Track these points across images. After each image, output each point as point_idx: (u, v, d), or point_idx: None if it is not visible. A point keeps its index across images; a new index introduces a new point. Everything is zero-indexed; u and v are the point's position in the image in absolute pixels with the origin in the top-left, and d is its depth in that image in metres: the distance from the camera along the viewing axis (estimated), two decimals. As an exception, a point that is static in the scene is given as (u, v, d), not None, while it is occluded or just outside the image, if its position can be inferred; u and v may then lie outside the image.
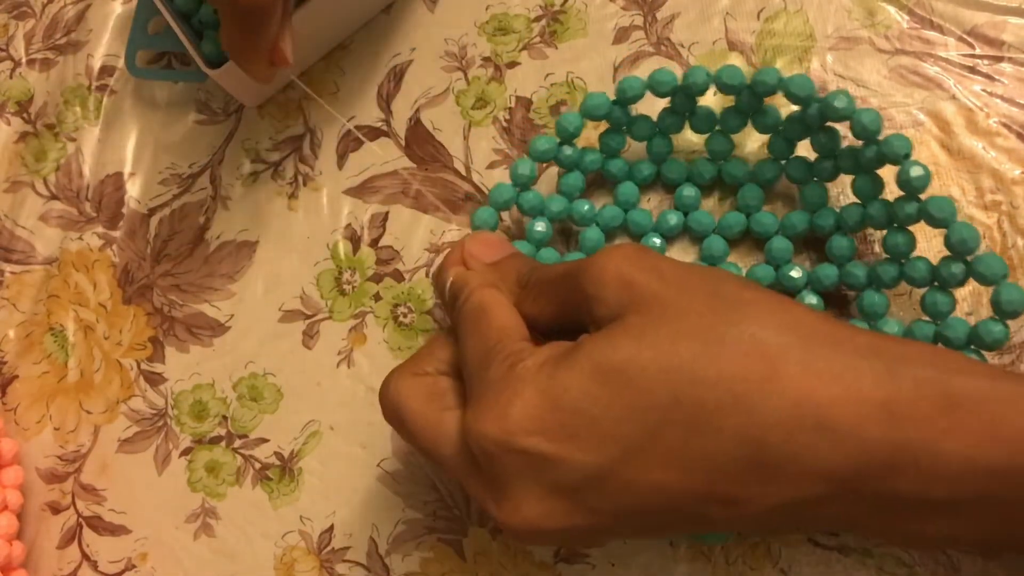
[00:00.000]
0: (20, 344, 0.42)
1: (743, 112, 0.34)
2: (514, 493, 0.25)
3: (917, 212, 0.30)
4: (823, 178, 0.33)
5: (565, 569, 0.34)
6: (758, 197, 0.34)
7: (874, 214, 0.31)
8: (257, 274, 0.40)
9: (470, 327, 0.29)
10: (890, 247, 0.31)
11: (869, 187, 0.32)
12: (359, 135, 0.39)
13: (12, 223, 0.44)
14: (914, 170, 0.30)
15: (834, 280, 0.32)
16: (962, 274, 0.30)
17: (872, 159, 0.31)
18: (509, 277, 0.30)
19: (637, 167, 0.36)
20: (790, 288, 0.33)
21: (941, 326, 0.30)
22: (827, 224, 0.33)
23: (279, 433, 0.38)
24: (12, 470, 0.39)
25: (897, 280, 0.31)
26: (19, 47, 0.46)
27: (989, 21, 0.35)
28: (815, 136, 0.33)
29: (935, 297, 0.30)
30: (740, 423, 0.23)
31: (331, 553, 0.37)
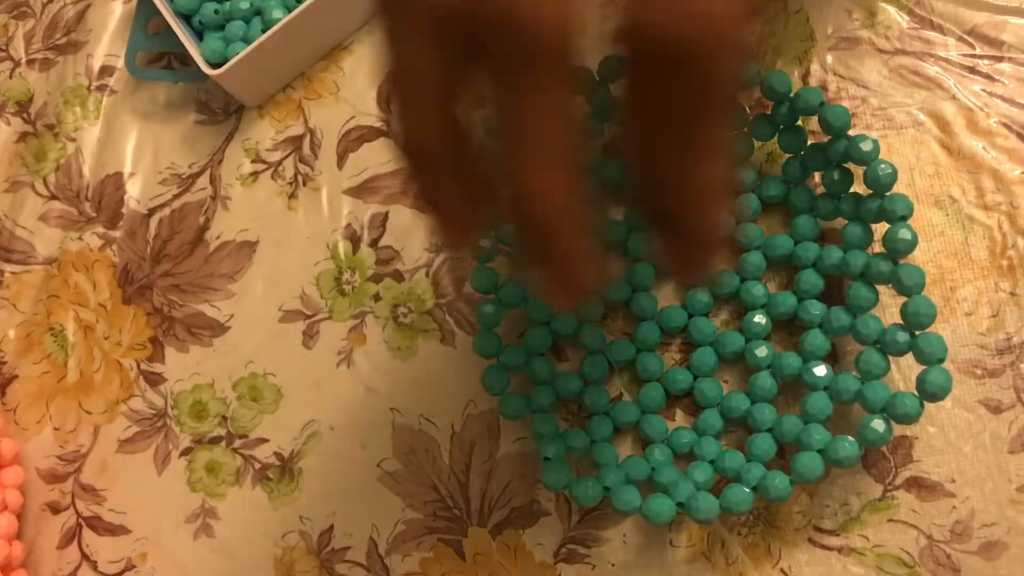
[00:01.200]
0: (20, 344, 0.42)
1: (774, 123, 0.34)
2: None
3: (890, 275, 0.30)
4: (821, 215, 0.34)
5: (565, 569, 0.34)
6: (755, 209, 0.34)
7: (851, 263, 0.32)
8: (257, 274, 0.40)
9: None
10: (852, 298, 0.31)
11: (859, 237, 0.32)
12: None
13: (12, 223, 0.44)
14: (903, 233, 0.30)
15: (789, 311, 0.33)
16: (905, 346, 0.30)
17: (872, 211, 0.31)
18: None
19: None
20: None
21: (864, 387, 0.30)
22: (806, 256, 0.33)
23: (279, 433, 0.38)
24: (12, 470, 0.39)
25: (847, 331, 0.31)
26: (19, 47, 0.46)
27: (989, 21, 0.35)
28: (830, 173, 0.33)
29: (871, 356, 0.30)
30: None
31: (331, 553, 0.37)
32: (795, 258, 0.33)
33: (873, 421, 0.29)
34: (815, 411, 0.31)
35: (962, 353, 0.32)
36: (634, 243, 0.35)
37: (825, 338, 0.32)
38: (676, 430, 0.33)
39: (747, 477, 0.30)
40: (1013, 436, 0.32)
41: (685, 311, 0.34)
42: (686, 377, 0.33)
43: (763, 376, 0.32)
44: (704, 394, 0.33)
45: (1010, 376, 0.32)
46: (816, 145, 0.33)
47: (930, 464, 0.32)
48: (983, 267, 0.33)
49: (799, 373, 0.32)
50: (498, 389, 0.34)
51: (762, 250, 0.34)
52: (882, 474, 0.32)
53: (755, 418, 0.32)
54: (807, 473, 0.29)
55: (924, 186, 0.34)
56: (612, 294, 0.34)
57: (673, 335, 0.35)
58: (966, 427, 0.32)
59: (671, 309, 0.34)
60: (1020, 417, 0.32)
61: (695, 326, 0.34)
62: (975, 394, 0.32)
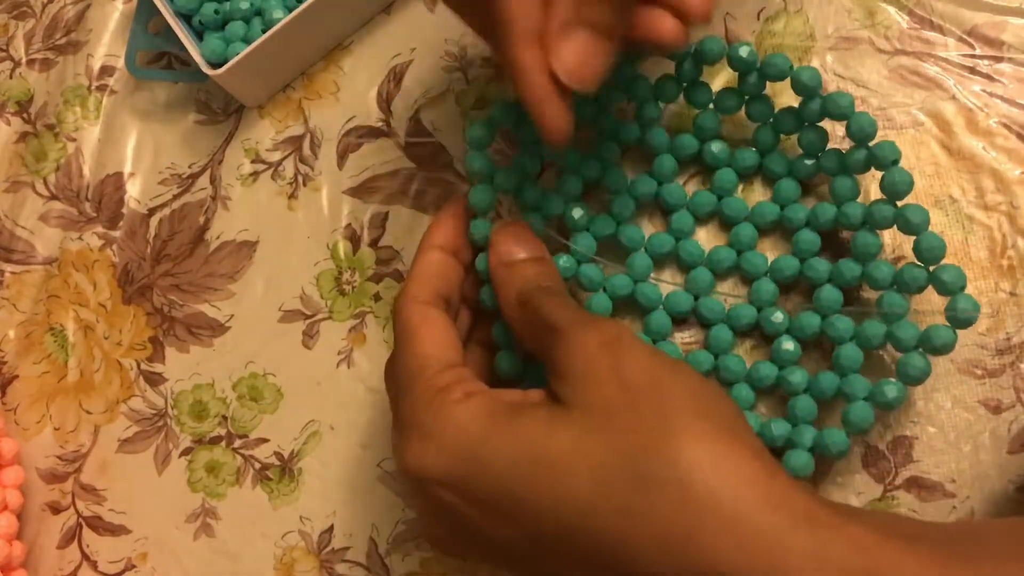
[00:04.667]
0: (20, 344, 0.42)
1: (741, 94, 0.34)
2: (421, 513, 0.27)
3: (894, 217, 0.31)
4: (800, 175, 0.34)
5: (565, 569, 0.34)
6: (732, 182, 0.35)
7: (850, 214, 0.32)
8: (257, 274, 0.40)
9: (398, 344, 0.29)
10: (859, 248, 0.31)
11: (849, 189, 0.32)
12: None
13: (12, 223, 0.44)
14: (900, 176, 0.30)
15: (793, 273, 0.33)
16: (924, 281, 0.30)
17: (860, 162, 0.31)
18: (514, 285, 0.29)
19: (624, 128, 0.35)
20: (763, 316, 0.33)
21: (893, 327, 0.30)
22: (796, 217, 0.33)
23: (279, 433, 0.38)
24: (12, 470, 0.39)
25: (859, 280, 0.31)
26: (19, 47, 0.46)
27: (989, 21, 0.35)
28: (805, 132, 0.33)
29: (892, 299, 0.30)
30: (652, 569, 0.22)
31: (331, 553, 0.37)
32: (785, 221, 0.34)
33: (912, 358, 0.29)
34: (848, 362, 0.31)
35: (962, 353, 0.32)
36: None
37: (839, 291, 0.32)
38: None
39: (801, 441, 0.31)
40: (1013, 436, 0.32)
41: (690, 294, 0.34)
42: (707, 359, 0.33)
43: (785, 340, 0.32)
44: (729, 370, 0.33)
45: (1010, 376, 0.32)
46: (786, 109, 0.33)
47: (930, 464, 0.32)
48: (983, 267, 0.33)
49: (820, 330, 0.32)
50: (484, 205, 0.32)
51: (750, 220, 0.34)
52: (882, 474, 0.32)
53: (788, 382, 0.32)
54: (860, 422, 0.30)
55: (924, 186, 0.34)
56: (615, 291, 0.34)
57: (683, 322, 0.35)
58: (966, 427, 0.32)
59: (676, 295, 0.34)
60: (1020, 417, 0.32)
61: (704, 306, 0.33)
62: (975, 394, 0.32)
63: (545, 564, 0.24)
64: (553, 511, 0.23)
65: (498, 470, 0.24)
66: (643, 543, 0.22)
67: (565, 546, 0.23)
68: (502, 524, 0.24)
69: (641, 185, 0.35)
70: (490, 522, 0.24)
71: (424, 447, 0.25)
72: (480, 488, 0.24)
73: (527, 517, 0.24)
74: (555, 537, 0.23)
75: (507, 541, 0.24)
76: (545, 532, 0.23)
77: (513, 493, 0.24)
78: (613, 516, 0.22)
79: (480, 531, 0.25)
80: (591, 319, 0.26)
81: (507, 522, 0.24)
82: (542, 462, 0.23)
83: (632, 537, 0.22)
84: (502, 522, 0.24)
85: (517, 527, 0.24)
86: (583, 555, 0.23)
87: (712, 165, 0.35)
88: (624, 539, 0.22)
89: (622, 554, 0.22)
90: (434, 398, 0.26)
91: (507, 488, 0.24)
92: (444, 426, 0.25)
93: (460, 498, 0.25)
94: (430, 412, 0.26)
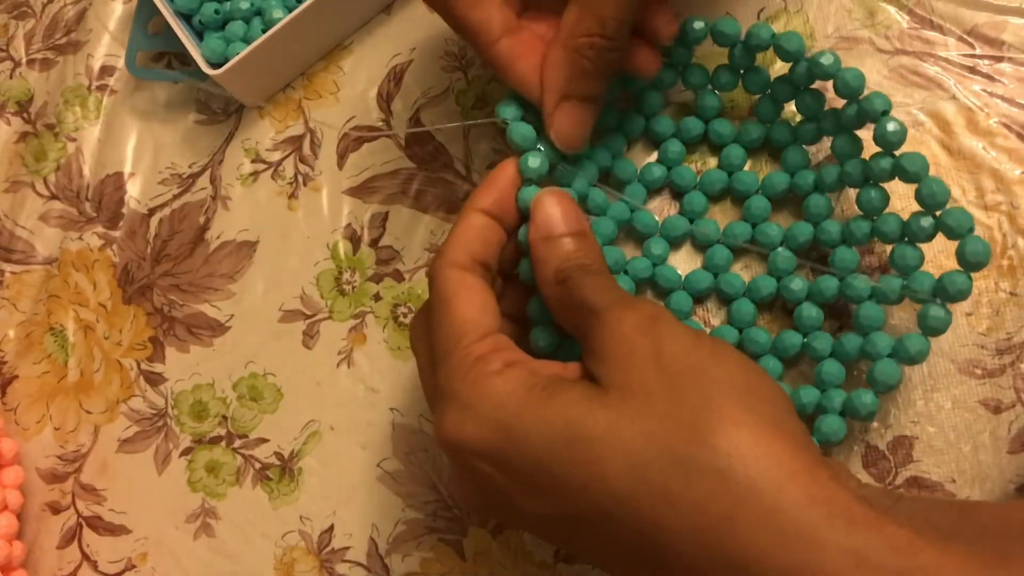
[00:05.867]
0: (20, 344, 0.42)
1: (734, 70, 0.34)
2: (459, 482, 0.27)
3: (892, 168, 0.30)
4: (805, 141, 0.34)
5: (565, 569, 0.34)
6: (741, 157, 0.35)
7: (851, 171, 0.32)
8: (257, 274, 0.40)
9: (434, 310, 0.28)
10: (864, 203, 0.31)
11: (848, 147, 0.32)
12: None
13: (12, 223, 0.44)
14: (890, 125, 0.30)
15: (808, 238, 0.33)
16: (931, 228, 0.30)
17: (853, 118, 0.31)
18: (553, 262, 0.28)
19: (629, 119, 0.36)
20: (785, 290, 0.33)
21: (909, 280, 0.30)
22: (805, 184, 0.33)
23: (279, 433, 0.38)
24: (12, 470, 0.39)
25: (869, 236, 0.32)
26: (19, 47, 0.46)
27: (989, 21, 0.35)
28: (800, 97, 0.33)
29: (904, 251, 0.30)
30: (686, 556, 0.22)
31: (331, 553, 0.37)
32: (795, 188, 0.34)
33: (931, 309, 0.29)
34: (869, 320, 0.31)
35: (962, 353, 0.32)
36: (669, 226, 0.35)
37: (854, 252, 0.32)
38: None
39: (831, 405, 0.31)
40: (1013, 436, 0.32)
41: (710, 272, 0.34)
42: (732, 334, 0.33)
43: (807, 307, 0.32)
44: (755, 342, 0.33)
45: (1010, 376, 0.32)
46: (781, 78, 0.33)
47: (930, 464, 0.32)
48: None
49: (839, 291, 0.32)
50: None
51: (761, 192, 0.34)
52: (882, 474, 0.32)
53: (813, 348, 0.32)
54: (888, 379, 0.30)
55: (924, 186, 0.34)
56: (637, 274, 0.34)
57: (703, 299, 0.35)
58: (966, 427, 0.32)
59: (696, 274, 0.34)
60: (1020, 417, 0.32)
61: (724, 282, 0.34)
62: (975, 394, 0.32)
63: (580, 540, 0.25)
64: (588, 492, 0.23)
65: (534, 446, 0.24)
66: (678, 529, 0.22)
67: (599, 527, 0.23)
68: (538, 499, 0.24)
69: (651, 171, 0.35)
70: (526, 496, 0.24)
71: (462, 418, 0.25)
72: (516, 462, 0.24)
73: (562, 495, 0.24)
74: (589, 517, 0.23)
75: (543, 515, 0.25)
76: (580, 511, 0.24)
77: (549, 470, 0.24)
78: (649, 501, 0.22)
79: (516, 504, 0.25)
80: (630, 300, 0.26)
81: (542, 498, 0.24)
82: (578, 442, 0.23)
83: (667, 523, 0.22)
84: (538, 497, 0.24)
85: (552, 504, 0.24)
86: (617, 536, 0.23)
87: (719, 143, 0.35)
88: (659, 524, 0.22)
89: (657, 539, 0.22)
90: (472, 368, 0.26)
91: (543, 465, 0.24)
92: (482, 398, 0.25)
93: (497, 470, 0.25)
94: (467, 382, 0.25)
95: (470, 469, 0.25)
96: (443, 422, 0.25)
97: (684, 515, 0.22)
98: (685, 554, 0.22)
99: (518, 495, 0.25)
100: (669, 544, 0.22)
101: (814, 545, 0.21)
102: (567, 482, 0.23)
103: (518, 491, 0.25)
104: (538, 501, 0.24)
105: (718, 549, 0.22)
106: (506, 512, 0.26)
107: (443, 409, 0.26)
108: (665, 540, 0.22)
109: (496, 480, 0.25)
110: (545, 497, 0.24)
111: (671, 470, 0.22)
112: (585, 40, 0.29)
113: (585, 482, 0.23)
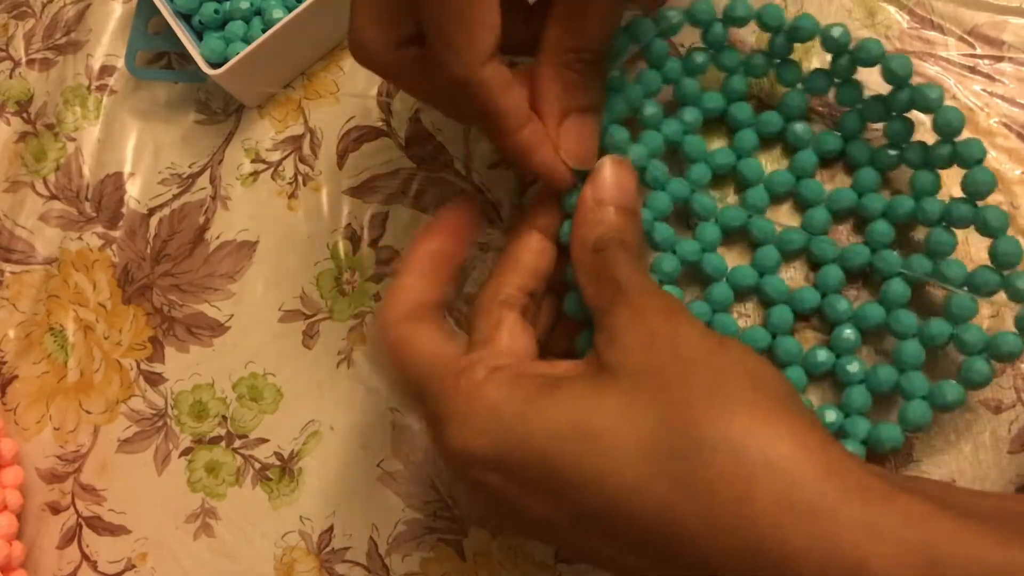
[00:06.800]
0: (20, 344, 0.42)
1: (831, 76, 0.33)
2: (466, 497, 0.28)
3: (971, 216, 0.30)
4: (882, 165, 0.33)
5: (565, 569, 0.34)
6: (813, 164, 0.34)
7: (928, 209, 0.31)
8: (257, 274, 0.40)
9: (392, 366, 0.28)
10: (933, 244, 0.31)
11: (930, 184, 0.32)
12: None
13: (12, 223, 0.44)
14: (983, 174, 0.30)
15: (864, 262, 0.32)
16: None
17: (944, 158, 0.31)
18: (596, 229, 0.28)
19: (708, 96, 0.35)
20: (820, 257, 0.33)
21: (959, 329, 0.30)
22: (873, 208, 0.33)
23: (279, 433, 0.38)
24: (12, 470, 0.39)
25: (929, 276, 0.31)
26: (19, 47, 0.46)
27: (989, 21, 0.35)
28: (892, 121, 0.32)
29: (961, 300, 0.30)
30: (700, 542, 0.22)
31: (331, 553, 0.37)
32: (861, 209, 0.33)
33: (976, 363, 0.29)
34: (909, 358, 0.30)
35: (962, 353, 0.32)
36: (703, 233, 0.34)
37: (907, 286, 0.31)
38: None
39: (854, 432, 0.30)
40: (1013, 436, 0.32)
41: (755, 270, 0.34)
42: (764, 337, 0.33)
43: (846, 328, 0.32)
44: (786, 351, 0.32)
45: (1010, 376, 0.32)
46: (875, 97, 0.33)
47: (930, 464, 0.32)
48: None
49: (884, 323, 0.31)
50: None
51: (826, 205, 0.33)
52: (882, 474, 0.32)
53: (845, 371, 0.31)
54: (917, 420, 0.30)
55: (924, 186, 0.34)
56: (684, 256, 0.34)
57: (745, 296, 0.34)
58: (966, 427, 0.32)
59: (740, 269, 0.34)
60: (1020, 417, 0.32)
61: (768, 284, 0.33)
62: (975, 394, 0.32)
63: (588, 542, 0.24)
64: (596, 485, 0.23)
65: (538, 445, 0.24)
66: (690, 515, 0.22)
67: (608, 523, 0.23)
68: (545, 502, 0.24)
69: (720, 156, 0.34)
70: (533, 500, 0.24)
71: (462, 432, 0.25)
72: (521, 466, 0.24)
73: (569, 493, 0.23)
74: (598, 514, 0.23)
75: (550, 520, 0.24)
76: (588, 508, 0.23)
77: (554, 468, 0.23)
78: (660, 488, 0.22)
79: (524, 510, 0.25)
80: (658, 290, 0.26)
81: (549, 500, 0.24)
82: (585, 434, 0.23)
83: (679, 509, 0.22)
84: (544, 500, 0.24)
85: (559, 505, 0.24)
86: (627, 532, 0.23)
87: (795, 145, 0.34)
88: (670, 512, 0.22)
89: (668, 528, 0.22)
90: (457, 383, 0.25)
91: (548, 463, 0.24)
92: (478, 408, 0.25)
93: (503, 477, 0.24)
94: (458, 396, 0.25)
95: (475, 482, 0.25)
96: (445, 440, 0.25)
97: (697, 498, 0.22)
98: (698, 540, 0.22)
99: (526, 500, 0.24)
100: (682, 531, 0.22)
101: (829, 518, 0.21)
102: (574, 478, 0.23)
103: (526, 496, 0.24)
104: (546, 504, 0.24)
105: (733, 530, 0.22)
106: (515, 521, 0.26)
107: (442, 429, 0.25)
108: (677, 527, 0.22)
109: (502, 489, 0.25)
110: (552, 498, 0.24)
111: (683, 453, 0.22)
112: (571, 56, 0.29)
113: (593, 475, 0.23)
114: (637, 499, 0.22)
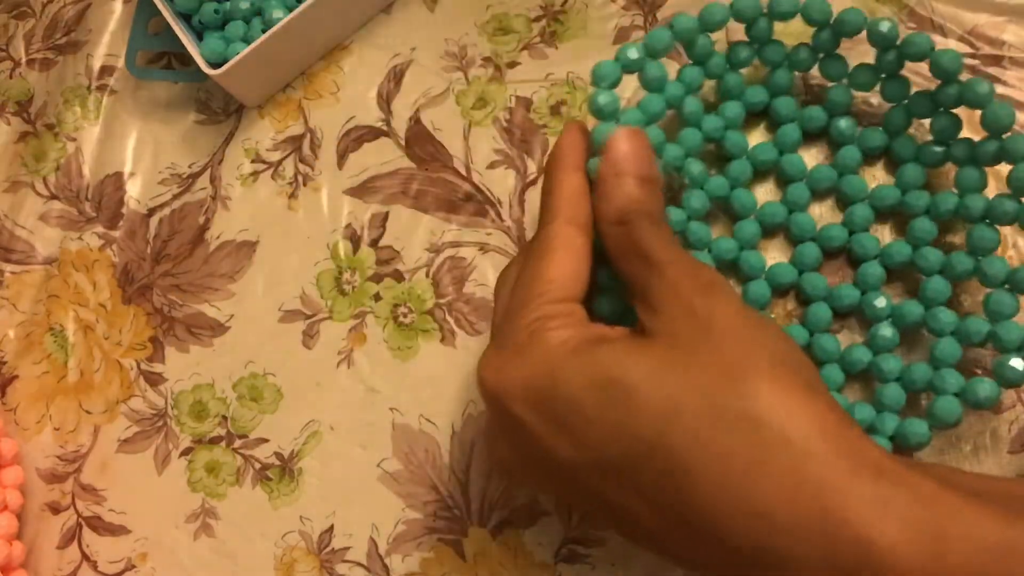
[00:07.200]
0: (20, 344, 0.42)
1: (877, 71, 0.33)
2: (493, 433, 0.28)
3: (1015, 213, 0.30)
4: (928, 162, 0.33)
5: (565, 569, 0.34)
6: (857, 160, 0.34)
7: (970, 206, 0.31)
8: (257, 274, 0.40)
9: (532, 258, 0.28)
10: (975, 241, 0.31)
11: (975, 180, 0.31)
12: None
13: (12, 223, 0.44)
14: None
15: (905, 259, 0.32)
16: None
17: (991, 154, 0.31)
18: (617, 201, 0.27)
19: (752, 90, 0.34)
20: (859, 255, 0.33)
21: (997, 326, 0.30)
22: (916, 205, 0.32)
23: (279, 433, 0.38)
24: (12, 470, 0.39)
25: (970, 274, 0.31)
26: (19, 47, 0.46)
27: (989, 21, 0.35)
28: (938, 117, 0.32)
29: (1000, 297, 0.30)
30: (711, 504, 0.23)
31: (331, 553, 0.37)
32: (905, 206, 0.33)
33: (1011, 360, 0.29)
34: (945, 356, 0.30)
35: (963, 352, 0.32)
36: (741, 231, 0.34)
37: (947, 283, 0.31)
38: None
39: (882, 428, 0.30)
40: (1013, 436, 0.32)
41: (794, 267, 0.33)
42: (801, 334, 0.33)
43: (884, 327, 0.32)
44: (824, 349, 0.32)
45: (1010, 376, 0.32)
46: (921, 93, 0.32)
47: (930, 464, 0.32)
48: (983, 267, 0.33)
49: (922, 321, 0.31)
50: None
51: (868, 201, 0.33)
52: (882, 474, 0.32)
53: (881, 369, 0.31)
54: (946, 416, 0.30)
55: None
56: (720, 254, 0.33)
57: (784, 292, 0.34)
58: (965, 427, 0.32)
59: (779, 266, 0.33)
60: (1020, 417, 0.32)
61: (807, 281, 0.33)
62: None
63: (606, 492, 0.25)
64: (621, 435, 0.24)
65: (573, 389, 0.24)
66: (706, 474, 0.23)
67: (628, 474, 0.24)
68: (570, 446, 0.25)
69: (761, 151, 0.34)
70: (559, 442, 0.25)
71: (508, 361, 0.26)
72: (553, 406, 0.25)
73: (595, 440, 0.24)
74: (619, 463, 0.24)
75: (572, 465, 0.25)
76: (610, 457, 0.24)
77: (584, 412, 0.24)
78: (679, 444, 0.23)
79: (548, 452, 0.25)
80: (691, 260, 0.27)
81: (575, 444, 0.24)
82: (617, 386, 0.24)
83: (695, 467, 0.23)
84: (570, 443, 0.25)
85: (584, 450, 0.24)
86: (645, 483, 0.24)
87: (838, 141, 0.34)
88: (687, 469, 0.23)
89: (683, 484, 0.23)
90: (535, 322, 0.26)
91: (579, 409, 0.24)
92: (533, 346, 0.26)
93: (533, 413, 0.25)
94: (526, 332, 0.26)
95: (507, 415, 0.26)
96: (489, 363, 0.26)
97: (712, 460, 0.22)
98: (709, 502, 0.23)
99: (551, 440, 0.25)
100: (694, 491, 0.23)
101: (840, 493, 0.22)
102: (601, 426, 0.24)
103: (551, 436, 0.25)
104: (570, 447, 0.25)
105: (744, 496, 0.22)
106: (534, 465, 0.27)
107: (493, 352, 0.27)
108: (690, 487, 0.23)
109: (530, 426, 0.25)
110: (577, 443, 0.24)
111: (705, 417, 0.23)
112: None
113: (619, 426, 0.24)
114: (655, 455, 0.23)
